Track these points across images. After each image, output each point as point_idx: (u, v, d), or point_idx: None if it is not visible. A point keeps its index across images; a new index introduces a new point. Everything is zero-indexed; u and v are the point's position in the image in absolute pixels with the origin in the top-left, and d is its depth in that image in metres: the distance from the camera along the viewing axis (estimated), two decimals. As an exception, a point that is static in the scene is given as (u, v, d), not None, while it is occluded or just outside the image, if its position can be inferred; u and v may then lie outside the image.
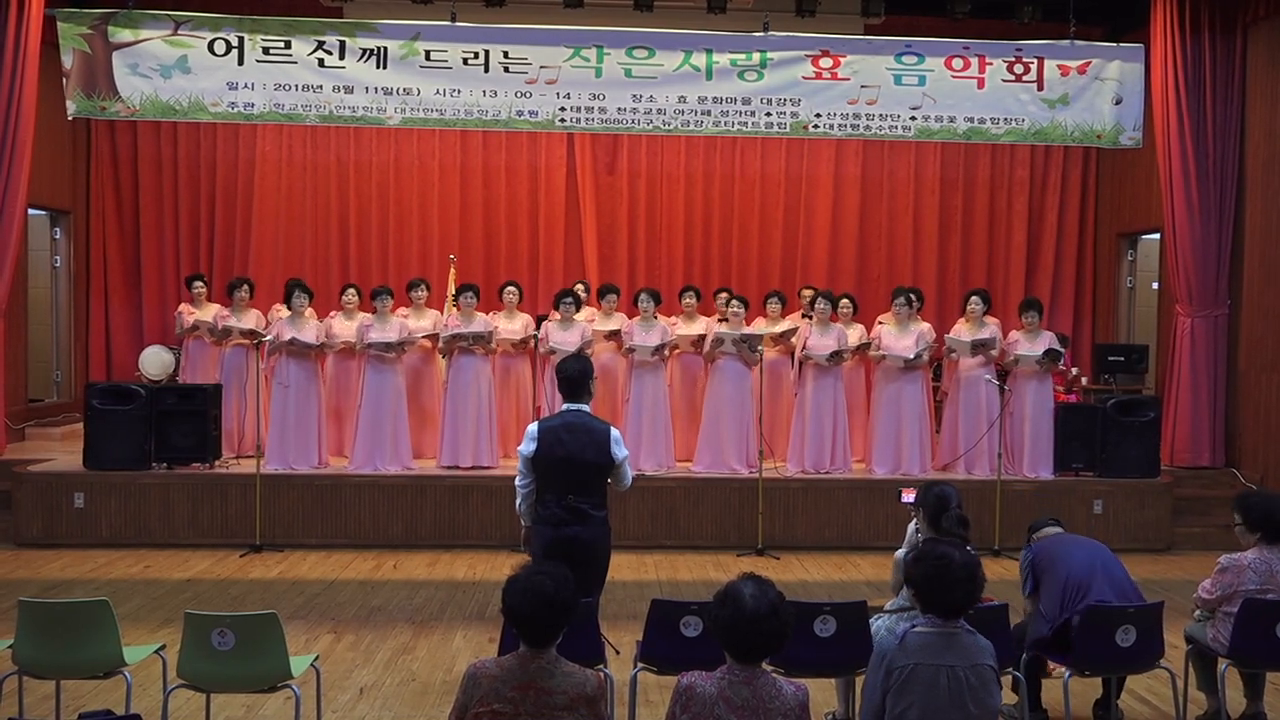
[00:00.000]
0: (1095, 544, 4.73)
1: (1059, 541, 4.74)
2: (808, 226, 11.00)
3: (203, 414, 8.01)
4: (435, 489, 8.03)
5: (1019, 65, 8.47)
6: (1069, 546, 4.68)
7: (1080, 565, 4.51)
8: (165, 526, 7.84)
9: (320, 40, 8.18)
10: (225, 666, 3.90)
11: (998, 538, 7.91)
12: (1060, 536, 4.80)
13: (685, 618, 4.14)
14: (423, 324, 8.54)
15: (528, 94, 8.26)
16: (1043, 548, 4.71)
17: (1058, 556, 4.59)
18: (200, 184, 10.77)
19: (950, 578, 2.99)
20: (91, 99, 8.12)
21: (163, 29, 8.11)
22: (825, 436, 8.30)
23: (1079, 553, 4.60)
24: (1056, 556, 4.59)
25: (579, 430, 4.54)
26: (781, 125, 8.45)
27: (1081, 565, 4.51)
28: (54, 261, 10.37)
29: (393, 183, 10.81)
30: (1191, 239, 8.79)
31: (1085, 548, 4.67)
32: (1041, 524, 4.98)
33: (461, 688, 2.93)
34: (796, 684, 2.86)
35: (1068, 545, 4.69)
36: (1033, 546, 4.78)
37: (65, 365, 10.48)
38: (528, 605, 2.88)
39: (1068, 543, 4.73)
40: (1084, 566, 4.50)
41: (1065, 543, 4.73)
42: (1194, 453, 8.81)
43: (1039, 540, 4.81)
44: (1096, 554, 4.59)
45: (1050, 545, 4.70)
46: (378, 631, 5.98)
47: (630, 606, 6.29)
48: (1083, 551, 4.61)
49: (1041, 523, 5.00)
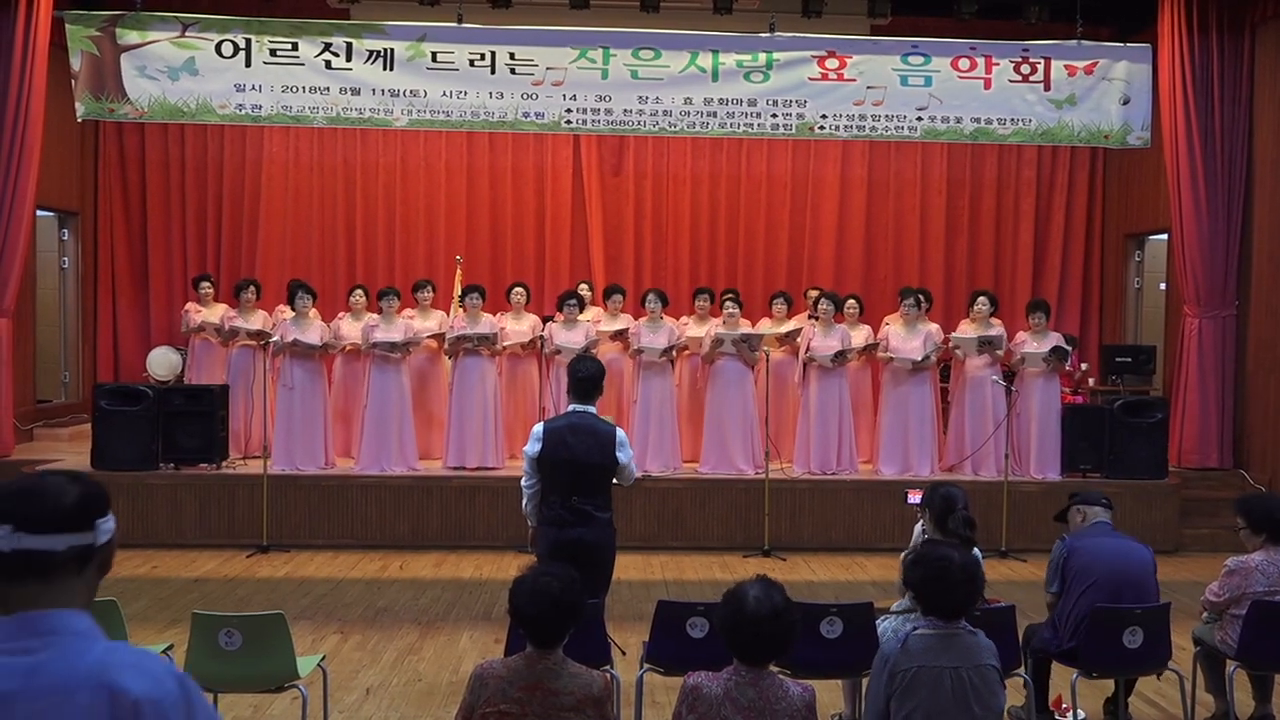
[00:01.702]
0: (1134, 558, 4.44)
1: (1098, 551, 4.42)
2: (814, 227, 10.98)
3: (210, 415, 8.01)
4: (442, 490, 8.04)
5: (1026, 65, 8.45)
6: (1108, 559, 4.39)
7: (1109, 590, 4.30)
8: (173, 527, 7.85)
9: (327, 42, 8.20)
10: (232, 666, 3.89)
11: (1004, 539, 7.89)
12: (1101, 543, 4.47)
13: (691, 619, 4.13)
14: (428, 325, 8.55)
15: (534, 95, 8.26)
16: (1081, 551, 4.42)
17: (1093, 573, 4.34)
18: (208, 185, 10.79)
19: (950, 579, 2.98)
20: (100, 101, 8.14)
21: (170, 31, 8.13)
22: (831, 437, 8.29)
23: (1114, 573, 4.34)
24: (1091, 572, 4.34)
25: (584, 431, 4.51)
26: (787, 126, 8.44)
27: (1110, 590, 4.30)
28: (62, 262, 10.40)
29: (399, 184, 10.82)
30: (1199, 239, 8.76)
31: (1121, 564, 4.38)
32: (1089, 499, 4.62)
33: (468, 688, 2.92)
34: (803, 685, 2.84)
35: (1107, 558, 4.39)
36: (1070, 541, 4.49)
37: (73, 366, 10.51)
38: (534, 606, 2.87)
39: (1108, 554, 4.41)
40: (1112, 592, 4.30)
41: (1105, 554, 4.41)
42: (1202, 454, 8.77)
43: (1080, 535, 4.51)
44: (1130, 572, 4.38)
45: (1089, 552, 4.41)
46: (384, 632, 5.99)
47: (636, 607, 6.27)
48: (1118, 571, 4.35)
49: (1089, 497, 4.64)
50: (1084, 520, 4.63)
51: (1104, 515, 4.62)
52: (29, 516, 1.56)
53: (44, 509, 1.58)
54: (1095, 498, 4.69)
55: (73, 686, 1.51)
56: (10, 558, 1.52)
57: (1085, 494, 4.75)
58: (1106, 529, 4.59)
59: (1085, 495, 4.72)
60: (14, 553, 1.52)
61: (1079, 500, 4.69)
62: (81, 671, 1.53)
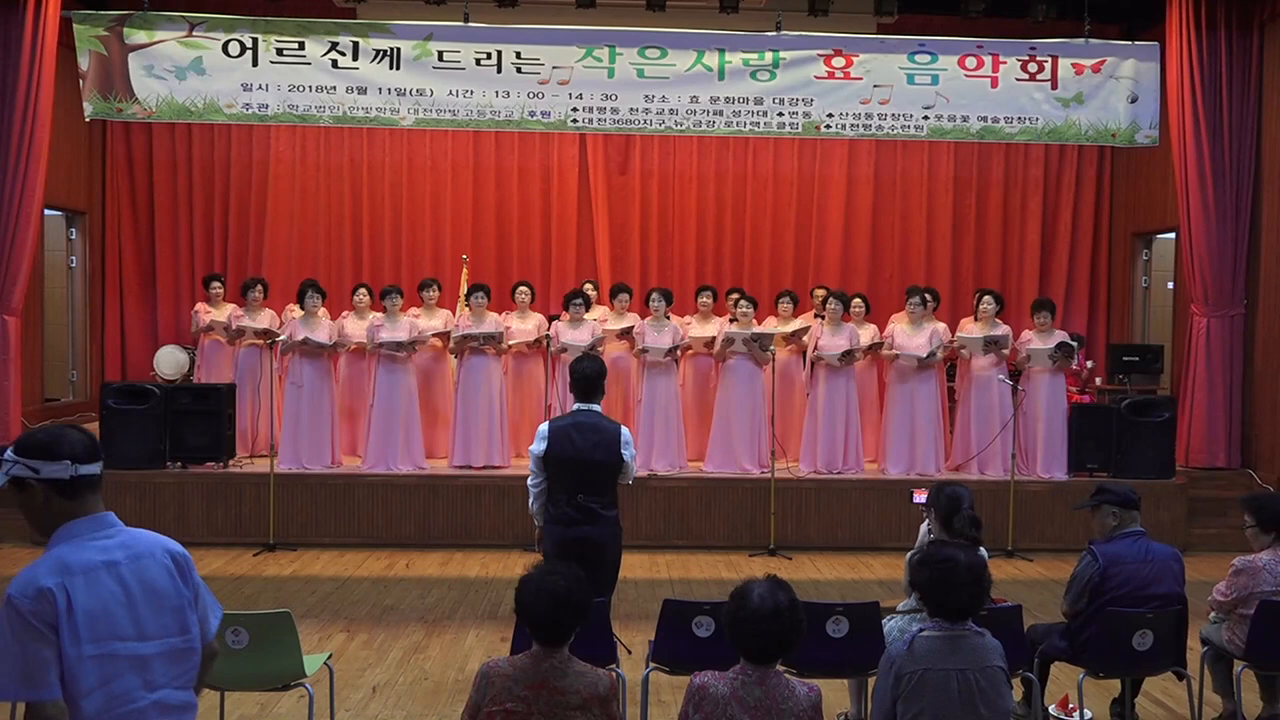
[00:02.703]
0: (1168, 574, 4.29)
1: (1136, 579, 4.23)
2: (820, 226, 10.96)
3: (217, 413, 8.03)
4: (448, 488, 8.04)
5: (1033, 64, 8.41)
6: (1145, 584, 4.22)
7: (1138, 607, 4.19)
8: (179, 525, 7.82)
9: (334, 41, 8.20)
10: (239, 665, 3.89)
11: (1011, 539, 7.87)
12: (1139, 570, 4.24)
13: (697, 618, 4.13)
14: (433, 323, 8.55)
15: (540, 94, 8.25)
16: (1118, 577, 4.22)
17: (1128, 602, 4.20)
18: (215, 185, 10.81)
19: (955, 580, 2.96)
20: (108, 100, 8.16)
21: (178, 30, 8.14)
22: (837, 436, 8.27)
23: (1150, 597, 4.21)
24: (1127, 602, 4.19)
25: (589, 430, 4.54)
26: (794, 125, 8.42)
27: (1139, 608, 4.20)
28: (70, 262, 10.42)
29: (405, 183, 10.82)
30: (1207, 238, 8.71)
31: (1157, 589, 4.24)
32: (1123, 500, 4.32)
33: (474, 687, 2.93)
34: (809, 685, 2.85)
35: (1144, 583, 4.23)
36: (1102, 557, 4.26)
37: (81, 365, 10.53)
38: (541, 605, 2.88)
39: (1145, 579, 4.23)
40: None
41: (1141, 580, 4.23)
42: (1210, 454, 8.72)
43: (1113, 547, 4.29)
44: (1164, 594, 4.26)
45: (1126, 580, 4.23)
46: (390, 630, 5.99)
47: (642, 606, 6.28)
48: (1155, 596, 4.23)
49: (1123, 497, 4.32)
50: (1118, 525, 4.34)
51: (1138, 520, 4.37)
52: (77, 453, 2.29)
53: (83, 446, 2.32)
54: (1129, 498, 4.35)
55: (151, 550, 2.37)
56: (75, 481, 2.29)
57: (1117, 491, 4.37)
58: (1141, 539, 4.34)
59: (1118, 493, 4.36)
60: (74, 478, 2.28)
61: (1111, 499, 4.36)
62: (147, 541, 2.39)
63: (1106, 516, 4.38)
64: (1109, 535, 4.38)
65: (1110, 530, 4.38)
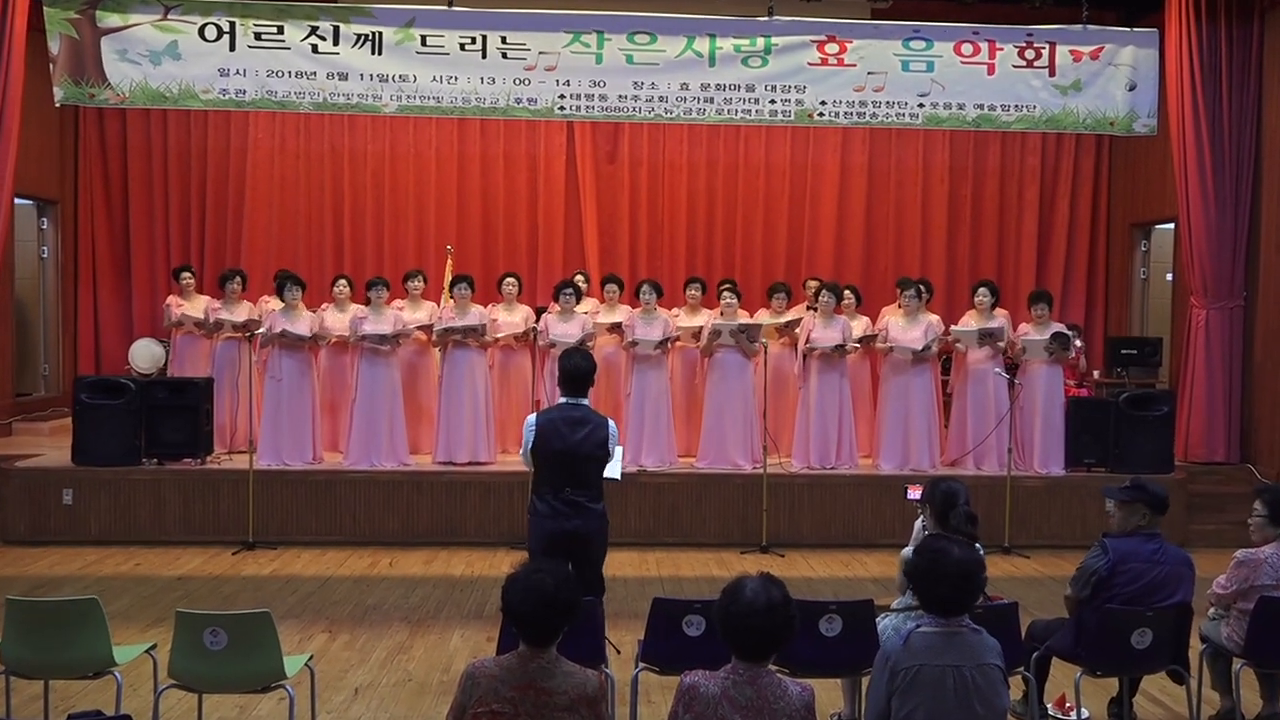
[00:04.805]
0: (1181, 583, 4.24)
1: (1145, 579, 4.20)
2: (813, 216, 10.86)
3: (194, 408, 7.91)
4: (432, 485, 7.89)
5: (1030, 51, 8.29)
6: (1152, 581, 4.19)
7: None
8: (156, 523, 7.73)
9: (313, 26, 8.00)
10: (217, 666, 3.87)
11: (1008, 535, 7.77)
12: (1149, 572, 4.20)
13: (688, 617, 4.10)
14: (418, 316, 8.38)
15: (526, 81, 8.09)
16: (1127, 575, 4.18)
17: (1135, 602, 4.17)
18: (191, 173, 10.65)
19: (939, 571, 2.92)
20: (80, 86, 7.94)
21: (152, 14, 7.93)
22: (830, 431, 8.16)
23: (1156, 602, 4.17)
24: (1135, 602, 4.16)
25: (577, 423, 4.56)
26: (786, 113, 8.27)
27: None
28: (41, 252, 10.26)
29: (388, 172, 10.68)
30: (1207, 229, 8.63)
31: (1164, 595, 4.20)
32: (1157, 503, 4.23)
33: (460, 687, 2.90)
34: (802, 684, 2.82)
35: (1152, 581, 4.19)
36: (1113, 552, 4.23)
37: (53, 358, 10.36)
38: (528, 604, 2.85)
39: (1154, 583, 4.20)
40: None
41: (1150, 583, 4.20)
42: (1209, 448, 8.65)
43: (1125, 544, 4.23)
44: (1171, 599, 4.22)
45: (1134, 579, 4.19)
46: (373, 630, 5.90)
47: (632, 605, 6.18)
48: (1157, 586, 4.19)
49: (1158, 500, 4.23)
50: (1145, 523, 4.28)
51: (1159, 521, 4.32)
52: None
53: None
54: (1164, 502, 4.29)
55: None
56: None
57: (1155, 493, 4.30)
58: (1155, 539, 4.29)
59: (1155, 495, 4.29)
60: None
61: (1146, 499, 4.29)
62: None
63: (1135, 514, 4.32)
64: (1127, 531, 4.31)
65: (1131, 526, 4.32)
